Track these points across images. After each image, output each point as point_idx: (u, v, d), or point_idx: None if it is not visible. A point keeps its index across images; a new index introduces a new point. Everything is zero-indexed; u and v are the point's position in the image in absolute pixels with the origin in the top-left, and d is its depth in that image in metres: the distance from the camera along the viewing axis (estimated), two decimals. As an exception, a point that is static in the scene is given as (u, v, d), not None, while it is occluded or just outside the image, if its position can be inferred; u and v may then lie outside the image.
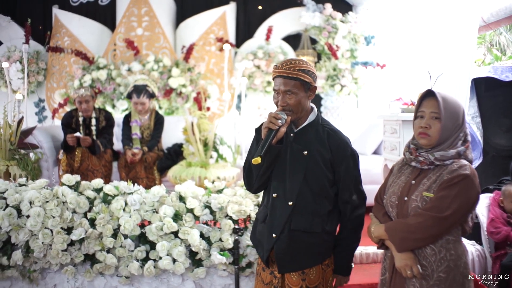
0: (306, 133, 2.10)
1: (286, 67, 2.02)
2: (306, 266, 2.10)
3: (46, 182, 3.24)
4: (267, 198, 2.16)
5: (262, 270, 2.18)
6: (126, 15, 6.50)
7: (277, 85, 2.05)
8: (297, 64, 2.03)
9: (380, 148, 5.24)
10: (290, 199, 2.05)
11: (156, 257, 3.03)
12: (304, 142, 2.08)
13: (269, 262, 2.13)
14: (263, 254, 2.13)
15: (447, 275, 1.91)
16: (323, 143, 2.08)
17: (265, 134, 1.98)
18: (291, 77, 2.01)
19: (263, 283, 2.17)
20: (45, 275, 3.17)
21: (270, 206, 2.10)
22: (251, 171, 2.08)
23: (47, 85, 6.54)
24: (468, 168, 1.91)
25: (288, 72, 2.01)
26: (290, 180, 2.06)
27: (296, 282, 2.09)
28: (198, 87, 6.19)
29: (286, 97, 2.03)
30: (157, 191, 3.15)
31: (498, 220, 3.26)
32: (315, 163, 2.05)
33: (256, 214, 2.24)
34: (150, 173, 4.91)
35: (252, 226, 2.27)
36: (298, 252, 2.08)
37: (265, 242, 2.11)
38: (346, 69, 6.32)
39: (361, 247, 3.49)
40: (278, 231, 2.07)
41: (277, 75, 2.05)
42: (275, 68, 2.07)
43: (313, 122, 2.13)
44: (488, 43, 9.80)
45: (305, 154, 2.06)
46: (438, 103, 1.96)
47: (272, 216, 2.09)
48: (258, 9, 6.89)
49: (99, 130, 4.95)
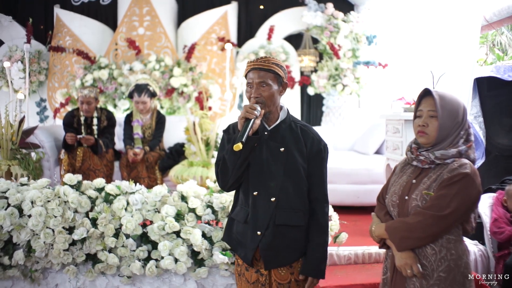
0: (280, 130, 2.15)
1: (261, 60, 2.10)
2: (292, 260, 2.12)
3: (48, 181, 3.24)
4: (244, 198, 2.16)
5: (246, 270, 2.17)
6: (127, 14, 6.50)
7: (251, 78, 2.09)
8: (271, 59, 2.11)
9: (382, 148, 5.23)
10: (272, 195, 2.08)
11: (158, 257, 3.02)
12: (280, 139, 2.13)
13: (253, 261, 2.13)
14: (247, 253, 2.12)
15: (447, 275, 1.91)
16: (298, 139, 2.14)
17: (242, 124, 2.01)
18: (265, 69, 2.08)
19: (249, 282, 2.16)
20: (46, 274, 3.17)
21: (251, 205, 2.11)
22: (226, 166, 2.09)
23: (49, 85, 6.55)
24: (468, 167, 1.91)
25: (263, 64, 2.08)
26: (270, 177, 2.09)
27: (284, 276, 2.12)
28: (200, 86, 6.19)
29: (260, 89, 2.08)
30: (159, 191, 3.14)
31: (501, 220, 3.25)
32: (293, 159, 2.10)
33: (232, 215, 2.23)
34: (152, 172, 4.91)
35: (226, 228, 2.26)
36: (284, 247, 2.10)
37: (248, 241, 2.11)
38: (348, 68, 6.32)
39: (364, 247, 3.49)
40: (263, 228, 2.08)
41: (251, 68, 2.10)
42: (249, 63, 2.13)
43: (285, 119, 2.19)
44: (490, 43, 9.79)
45: (282, 151, 2.10)
46: (435, 101, 1.97)
47: (255, 214, 2.10)
48: (259, 9, 6.89)
49: (100, 129, 4.94)
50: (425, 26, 4.19)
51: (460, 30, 3.69)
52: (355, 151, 5.73)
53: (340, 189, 4.77)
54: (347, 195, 4.79)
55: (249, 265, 2.14)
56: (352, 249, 3.46)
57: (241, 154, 2.02)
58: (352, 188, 4.78)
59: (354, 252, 3.45)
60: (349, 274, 3.23)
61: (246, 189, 2.14)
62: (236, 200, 2.23)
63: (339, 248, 3.38)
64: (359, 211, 4.78)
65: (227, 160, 2.07)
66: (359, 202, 4.80)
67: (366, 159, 5.15)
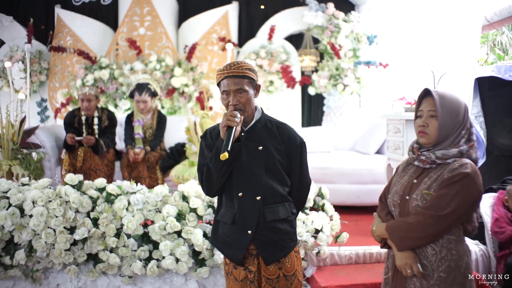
0: (256, 129, 2.18)
1: (234, 67, 2.11)
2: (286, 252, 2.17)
3: (49, 181, 3.24)
4: (228, 200, 2.18)
5: (234, 268, 2.20)
6: (128, 14, 6.50)
7: (227, 85, 2.11)
8: (243, 64, 2.13)
9: (383, 148, 5.23)
10: (257, 194, 2.11)
11: (159, 257, 3.03)
12: (257, 138, 2.16)
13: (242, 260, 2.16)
14: (235, 253, 2.16)
15: (447, 275, 1.91)
16: (275, 136, 2.18)
17: (224, 133, 2.04)
18: (240, 76, 2.10)
19: (237, 280, 2.19)
20: (48, 274, 3.17)
21: (237, 206, 2.14)
22: (211, 174, 2.11)
23: (50, 85, 6.55)
24: (469, 167, 1.91)
25: (237, 72, 2.10)
26: (252, 176, 2.12)
27: (273, 272, 2.16)
28: (201, 86, 6.19)
29: (237, 96, 2.10)
30: (160, 191, 3.15)
31: (502, 220, 3.24)
32: (271, 156, 2.14)
33: (217, 218, 2.25)
34: (153, 172, 4.91)
35: (213, 229, 2.28)
36: (279, 240, 2.15)
37: (238, 242, 2.14)
38: (348, 68, 6.31)
39: (365, 246, 3.49)
40: (253, 227, 2.11)
41: (225, 76, 2.11)
42: (220, 72, 2.14)
43: (261, 119, 2.21)
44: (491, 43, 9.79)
45: (261, 149, 2.14)
46: (434, 101, 1.98)
47: (242, 214, 2.13)
48: (260, 9, 6.89)
49: (101, 129, 4.94)
50: (426, 26, 4.19)
51: (461, 30, 3.69)
52: (356, 151, 5.73)
53: (341, 189, 4.77)
54: (348, 195, 4.80)
55: (239, 265, 2.17)
56: (353, 249, 3.46)
57: (226, 162, 2.05)
58: (353, 188, 4.78)
59: (355, 252, 3.45)
60: (350, 274, 3.23)
61: (229, 191, 2.17)
62: (220, 203, 2.26)
63: (340, 248, 3.38)
64: (360, 211, 4.78)
65: (211, 169, 2.09)
66: (360, 202, 4.81)
67: (367, 159, 5.15)
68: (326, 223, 3.22)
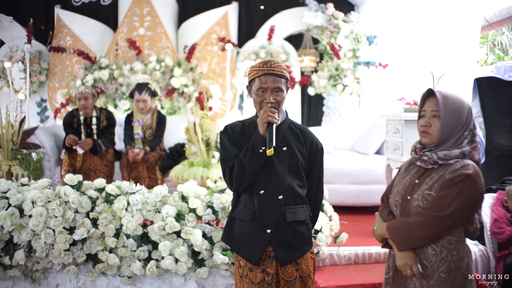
0: (281, 130, 2.19)
1: (274, 65, 2.12)
2: (302, 254, 2.18)
3: (48, 182, 3.24)
4: (248, 198, 2.17)
5: (249, 271, 2.16)
6: (128, 15, 6.51)
7: (265, 82, 2.11)
8: (281, 64, 2.16)
9: (383, 148, 5.23)
10: (279, 193, 2.12)
11: (158, 257, 3.03)
12: (282, 138, 2.17)
13: (258, 261, 2.13)
14: (252, 252, 2.13)
15: (447, 276, 1.91)
16: (299, 139, 2.20)
17: (265, 129, 2.06)
18: (279, 75, 2.12)
19: (253, 283, 2.15)
20: (47, 275, 3.17)
21: (258, 204, 2.13)
22: (243, 169, 2.10)
23: (49, 85, 6.55)
24: (471, 168, 1.91)
25: (277, 70, 2.12)
26: (275, 175, 2.13)
27: (291, 273, 2.16)
28: (200, 87, 6.19)
29: (274, 94, 2.12)
30: (160, 191, 3.15)
31: (501, 220, 3.24)
32: (295, 157, 2.16)
33: (233, 215, 2.23)
34: (152, 173, 4.91)
35: (226, 227, 2.26)
36: (296, 242, 2.15)
37: (256, 240, 2.13)
38: (348, 69, 6.32)
39: (364, 247, 3.49)
40: (273, 226, 2.11)
41: (264, 73, 2.12)
42: (258, 68, 2.14)
43: (286, 120, 2.24)
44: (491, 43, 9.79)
45: (285, 150, 2.15)
46: (437, 101, 1.98)
47: (262, 213, 2.12)
48: (260, 9, 6.89)
49: (100, 129, 4.94)
50: (426, 26, 4.19)
51: (461, 31, 3.69)
52: (355, 151, 5.73)
53: (341, 189, 4.77)
54: (347, 195, 4.80)
55: (254, 265, 2.14)
56: (352, 249, 3.46)
57: (263, 158, 2.06)
58: (352, 188, 4.78)
59: (354, 252, 3.45)
60: (349, 274, 3.23)
61: (250, 188, 2.16)
62: (237, 200, 2.24)
63: (339, 248, 3.38)
64: (359, 211, 4.78)
65: (245, 164, 2.09)
66: (359, 202, 4.81)
67: (366, 159, 5.15)
68: (325, 223, 3.22)
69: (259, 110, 2.15)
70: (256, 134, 2.10)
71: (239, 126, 2.22)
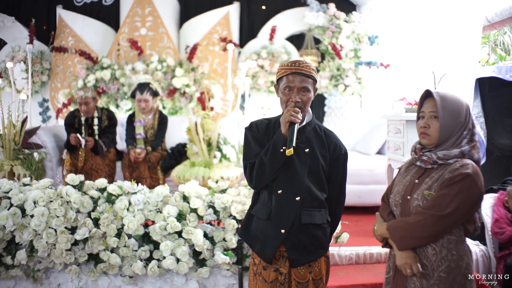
0: (305, 132, 2.17)
1: (303, 65, 2.11)
2: (314, 258, 2.16)
3: (50, 181, 3.25)
4: (267, 196, 2.17)
5: (263, 269, 2.17)
6: (130, 15, 6.52)
7: (292, 81, 2.09)
8: (310, 64, 2.14)
9: (384, 148, 5.23)
10: (297, 194, 2.10)
11: (159, 257, 3.03)
12: (305, 140, 2.15)
13: (271, 258, 2.14)
14: (266, 250, 2.14)
15: (447, 275, 1.92)
16: (322, 142, 2.17)
17: (286, 128, 2.04)
18: (307, 75, 2.10)
19: (266, 281, 2.16)
20: (49, 274, 3.18)
21: (275, 203, 2.13)
22: (264, 168, 2.10)
23: (51, 85, 6.57)
24: (470, 167, 1.92)
25: (306, 70, 2.10)
26: (295, 176, 2.11)
27: (303, 275, 2.15)
28: (202, 87, 6.20)
29: (300, 94, 2.10)
30: (161, 191, 3.15)
31: (502, 220, 3.24)
32: (316, 160, 2.13)
33: (251, 212, 2.24)
34: (154, 173, 4.92)
35: (244, 223, 2.27)
36: (310, 245, 2.14)
37: (270, 239, 2.13)
38: (349, 69, 6.32)
39: (365, 247, 3.50)
40: (288, 226, 2.10)
41: (292, 72, 2.10)
42: (286, 66, 2.12)
43: (311, 122, 2.21)
44: (492, 43, 9.77)
45: (307, 152, 2.13)
46: (435, 102, 1.99)
47: (279, 212, 2.12)
48: (261, 9, 6.90)
49: (101, 129, 4.95)
50: (427, 26, 4.19)
51: (462, 31, 3.69)
52: (356, 151, 5.73)
53: (342, 189, 4.76)
54: (348, 195, 4.66)
55: (267, 263, 2.15)
56: (353, 249, 3.47)
57: (283, 157, 2.05)
58: (353, 188, 4.78)
59: (355, 252, 3.46)
60: (350, 274, 3.24)
61: (270, 187, 2.16)
62: (256, 198, 2.24)
63: (340, 248, 3.38)
64: (360, 211, 4.79)
65: (266, 163, 2.08)
66: (360, 202, 4.81)
67: (367, 159, 5.15)
68: (326, 224, 3.22)
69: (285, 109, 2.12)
70: (278, 133, 2.09)
71: (265, 124, 2.22)
